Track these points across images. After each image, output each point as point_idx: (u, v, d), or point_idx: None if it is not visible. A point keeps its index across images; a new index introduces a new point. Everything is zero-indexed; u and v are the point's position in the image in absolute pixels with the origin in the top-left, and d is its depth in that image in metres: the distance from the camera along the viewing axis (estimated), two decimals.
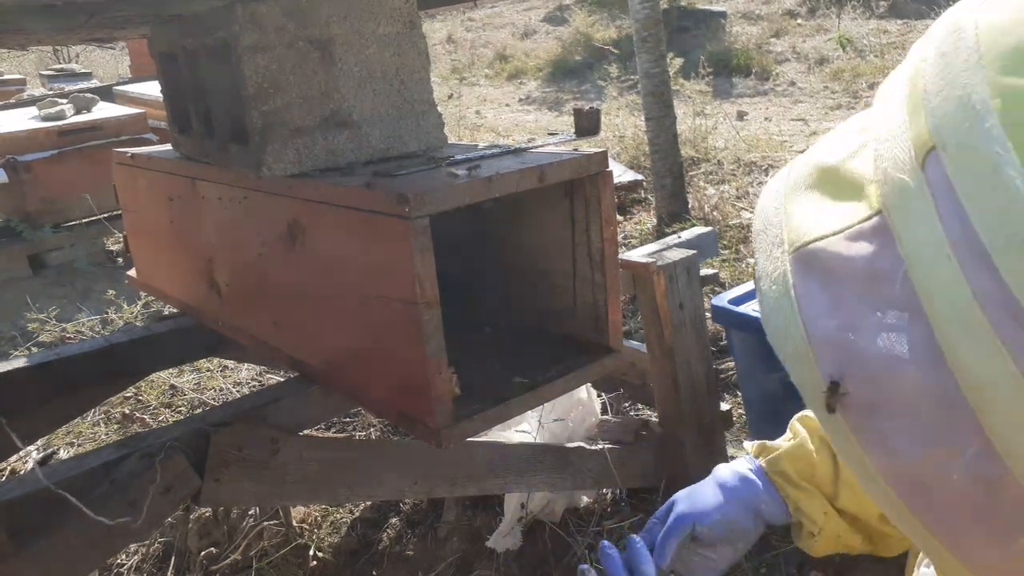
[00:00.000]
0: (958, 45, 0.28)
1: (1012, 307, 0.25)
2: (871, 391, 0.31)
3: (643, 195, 4.26)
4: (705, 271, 1.70)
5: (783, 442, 0.91)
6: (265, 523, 1.68)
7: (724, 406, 1.81)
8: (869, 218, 0.31)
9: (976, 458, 0.28)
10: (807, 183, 0.36)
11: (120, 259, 4.07)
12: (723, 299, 1.75)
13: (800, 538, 0.92)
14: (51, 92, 5.89)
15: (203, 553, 1.66)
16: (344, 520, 1.81)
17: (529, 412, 1.62)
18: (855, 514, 0.89)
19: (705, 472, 1.00)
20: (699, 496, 0.89)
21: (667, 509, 0.91)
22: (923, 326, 0.28)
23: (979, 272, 0.26)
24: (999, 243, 0.25)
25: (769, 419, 1.71)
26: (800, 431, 0.90)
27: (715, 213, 3.61)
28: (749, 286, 1.80)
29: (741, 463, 0.92)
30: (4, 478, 2.01)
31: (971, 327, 0.26)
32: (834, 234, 0.32)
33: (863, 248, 0.31)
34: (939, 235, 0.27)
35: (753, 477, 0.90)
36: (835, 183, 0.34)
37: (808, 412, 0.91)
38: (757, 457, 0.91)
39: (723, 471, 0.92)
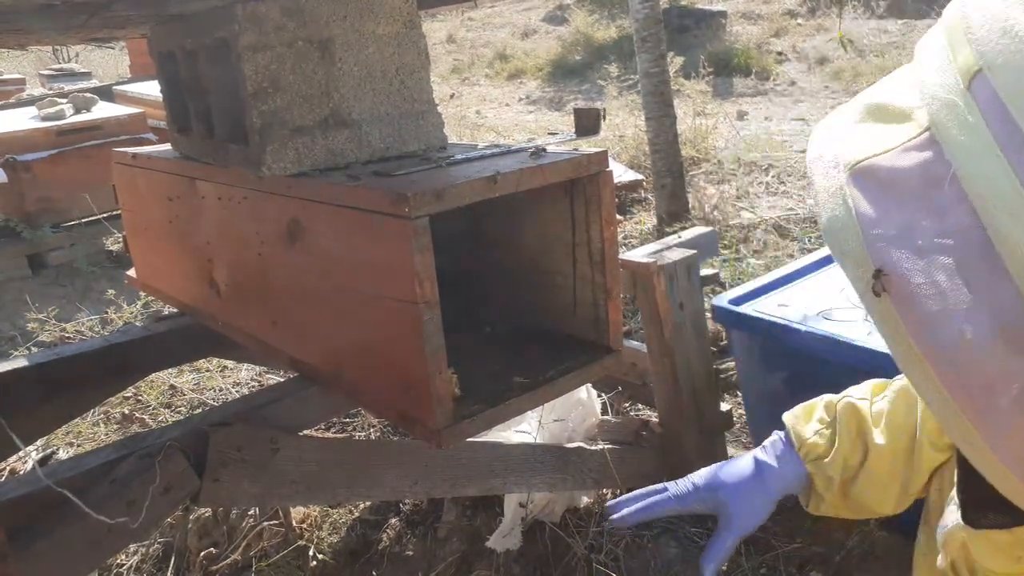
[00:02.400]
0: None
1: None
2: (917, 276, 0.36)
3: (643, 195, 4.26)
4: (705, 271, 1.70)
5: (817, 432, 0.97)
6: (265, 523, 1.68)
7: (724, 406, 1.81)
8: (919, 135, 0.37)
9: (1013, 314, 0.33)
10: (857, 118, 0.42)
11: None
12: (723, 299, 1.75)
13: (807, 502, 1.01)
14: (50, 92, 5.88)
15: (203, 553, 1.66)
16: (344, 520, 1.81)
17: (529, 412, 1.61)
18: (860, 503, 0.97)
19: None
20: (751, 511, 0.96)
21: (714, 502, 0.97)
22: (969, 216, 0.34)
23: None
24: None
25: (769, 419, 1.71)
26: (840, 421, 0.97)
27: (715, 213, 3.61)
28: (749, 286, 1.80)
29: (782, 455, 0.99)
30: (4, 478, 2.01)
31: (1017, 210, 0.31)
32: (887, 151, 0.38)
33: (914, 158, 0.37)
34: (988, 140, 0.32)
35: (791, 470, 0.97)
36: (884, 115, 0.40)
37: (847, 396, 0.96)
38: (804, 456, 0.97)
39: (771, 478, 0.97)
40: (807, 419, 0.99)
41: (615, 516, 0.98)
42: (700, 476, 0.99)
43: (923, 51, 0.39)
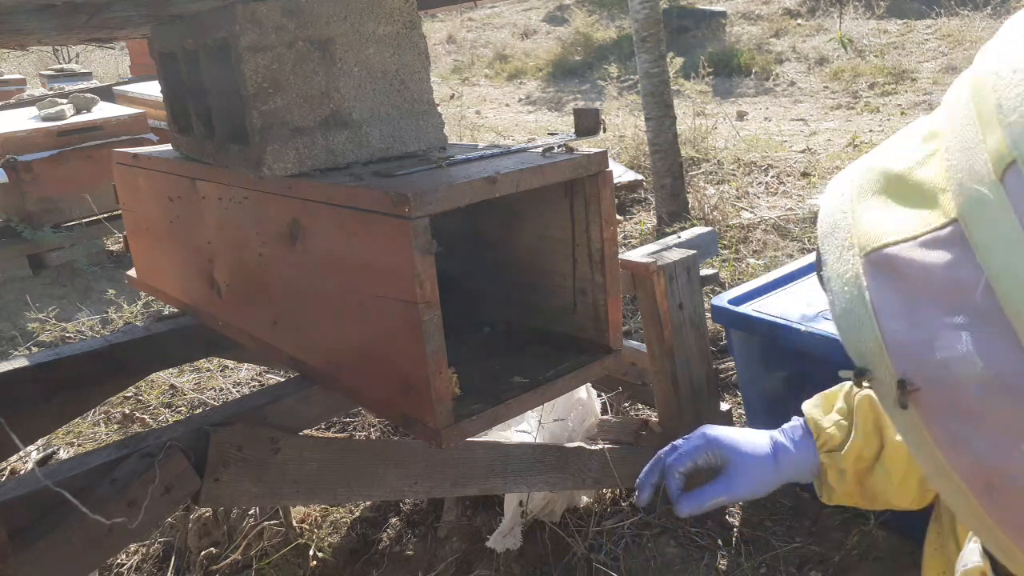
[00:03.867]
0: None
1: None
2: (946, 393, 0.32)
3: (643, 195, 4.26)
4: (705, 271, 1.70)
5: (835, 424, 0.97)
6: (265, 523, 1.68)
7: (724, 406, 1.82)
8: (944, 226, 0.32)
9: None
10: (874, 188, 0.37)
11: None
12: (723, 299, 1.75)
13: (820, 492, 1.00)
14: (51, 92, 5.88)
15: (203, 553, 1.66)
16: (344, 520, 1.81)
17: (529, 412, 1.61)
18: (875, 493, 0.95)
19: None
20: (755, 482, 0.95)
21: (721, 459, 0.96)
22: (1006, 334, 0.29)
23: None
24: None
25: (769, 419, 1.71)
26: (855, 411, 0.96)
27: (715, 213, 3.61)
28: (749, 286, 1.80)
29: (799, 442, 0.98)
30: (4, 478, 2.01)
31: None
32: (908, 240, 0.33)
33: (939, 256, 0.32)
34: None
35: (807, 458, 0.97)
36: (904, 190, 0.35)
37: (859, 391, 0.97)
38: (820, 447, 0.97)
39: (785, 460, 0.97)
40: (827, 409, 0.98)
41: (638, 496, 0.98)
42: (715, 431, 0.99)
43: (950, 107, 0.34)
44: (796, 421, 1.01)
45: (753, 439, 0.98)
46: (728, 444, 0.96)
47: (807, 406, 1.01)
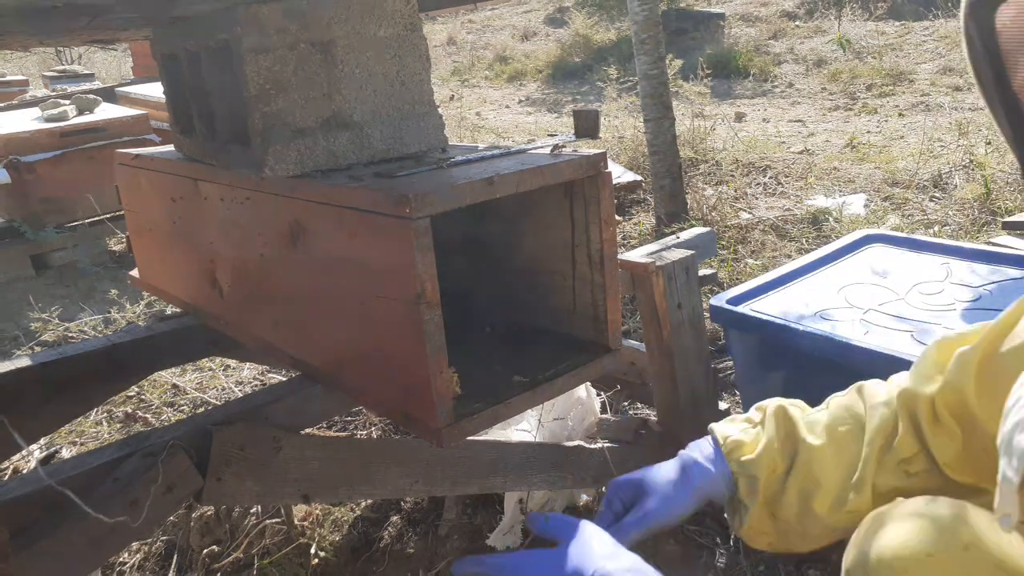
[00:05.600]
0: None
1: None
2: None
3: (642, 196, 4.27)
4: (704, 271, 1.71)
5: (746, 433, 1.02)
6: (267, 521, 1.69)
7: (723, 405, 1.82)
8: None
9: None
10: None
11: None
12: (721, 299, 1.76)
13: (732, 517, 1.05)
14: (54, 93, 5.89)
15: (205, 551, 1.67)
16: (345, 518, 1.82)
17: (529, 411, 1.62)
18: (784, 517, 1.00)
19: None
20: (670, 498, 1.00)
21: (634, 494, 1.02)
22: None
23: None
24: None
25: None
26: (768, 425, 1.01)
27: (714, 214, 3.62)
28: (747, 286, 1.81)
29: (708, 455, 1.04)
30: (6, 477, 2.02)
31: None
32: None
33: None
34: None
35: (716, 469, 1.02)
36: None
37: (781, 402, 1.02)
38: (728, 453, 1.02)
39: (695, 471, 1.02)
40: (731, 423, 1.05)
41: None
42: (623, 477, 1.04)
43: None
44: (705, 438, 1.05)
45: (662, 465, 1.04)
46: (635, 478, 1.02)
47: (714, 424, 1.06)
